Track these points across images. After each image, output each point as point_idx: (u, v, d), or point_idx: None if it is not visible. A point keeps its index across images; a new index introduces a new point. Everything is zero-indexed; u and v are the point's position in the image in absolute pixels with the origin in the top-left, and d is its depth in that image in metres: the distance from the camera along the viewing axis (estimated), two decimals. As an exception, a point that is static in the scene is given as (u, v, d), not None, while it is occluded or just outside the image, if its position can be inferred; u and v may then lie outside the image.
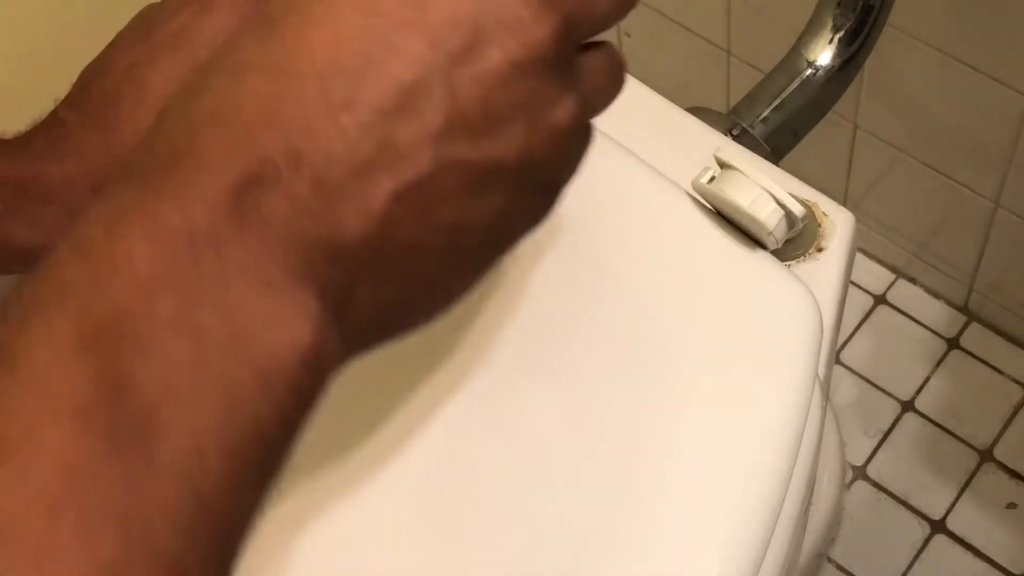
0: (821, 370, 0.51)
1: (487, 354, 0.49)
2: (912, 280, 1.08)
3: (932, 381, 1.03)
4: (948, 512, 0.98)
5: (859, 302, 1.07)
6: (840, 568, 0.97)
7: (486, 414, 0.47)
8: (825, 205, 0.61)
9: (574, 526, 0.45)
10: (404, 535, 0.44)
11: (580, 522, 0.45)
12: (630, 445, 0.46)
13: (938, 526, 0.97)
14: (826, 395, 0.54)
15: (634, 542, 0.44)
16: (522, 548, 0.44)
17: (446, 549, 0.44)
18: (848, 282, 0.60)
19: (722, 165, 0.51)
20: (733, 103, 0.71)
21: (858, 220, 0.61)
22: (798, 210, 0.50)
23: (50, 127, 0.42)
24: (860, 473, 1.00)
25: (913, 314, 1.07)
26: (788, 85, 0.69)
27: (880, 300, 1.08)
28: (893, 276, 1.08)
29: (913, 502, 0.98)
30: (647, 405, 0.47)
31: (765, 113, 0.69)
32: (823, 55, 0.69)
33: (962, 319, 1.06)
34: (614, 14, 0.31)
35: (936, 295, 1.07)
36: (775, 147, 0.69)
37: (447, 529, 0.45)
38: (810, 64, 0.69)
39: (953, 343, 1.05)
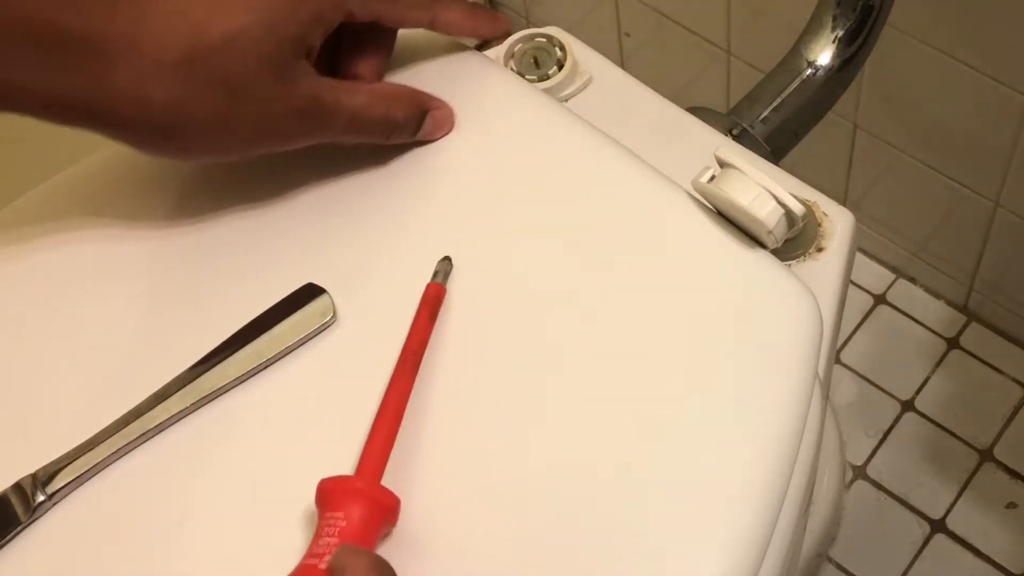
0: (821, 370, 0.51)
1: (485, 354, 0.49)
2: (912, 280, 1.08)
3: (932, 381, 1.03)
4: (948, 512, 0.98)
5: (859, 302, 1.07)
6: (840, 568, 0.97)
7: (483, 413, 0.47)
8: (825, 205, 0.61)
9: (573, 526, 0.45)
10: (399, 532, 0.44)
11: (579, 522, 0.45)
12: (628, 444, 0.46)
13: (938, 526, 0.97)
14: (826, 395, 0.54)
15: (633, 542, 0.44)
16: (520, 548, 0.44)
17: (445, 548, 0.44)
18: (848, 282, 0.60)
19: (722, 164, 0.51)
20: (733, 103, 0.71)
21: (858, 220, 0.61)
22: (798, 209, 0.50)
23: None
24: (860, 473, 1.00)
25: (913, 314, 1.07)
26: (788, 85, 0.69)
27: (880, 300, 1.08)
28: (893, 276, 1.08)
29: (913, 502, 0.99)
30: (646, 404, 0.47)
31: (765, 113, 0.69)
32: (823, 55, 0.69)
33: (962, 319, 1.06)
34: None
35: (936, 295, 1.07)
36: (775, 147, 0.69)
37: (446, 528, 0.45)
38: (810, 64, 0.69)
39: (953, 343, 1.05)
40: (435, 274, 0.50)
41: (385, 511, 0.43)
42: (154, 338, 0.50)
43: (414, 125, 0.53)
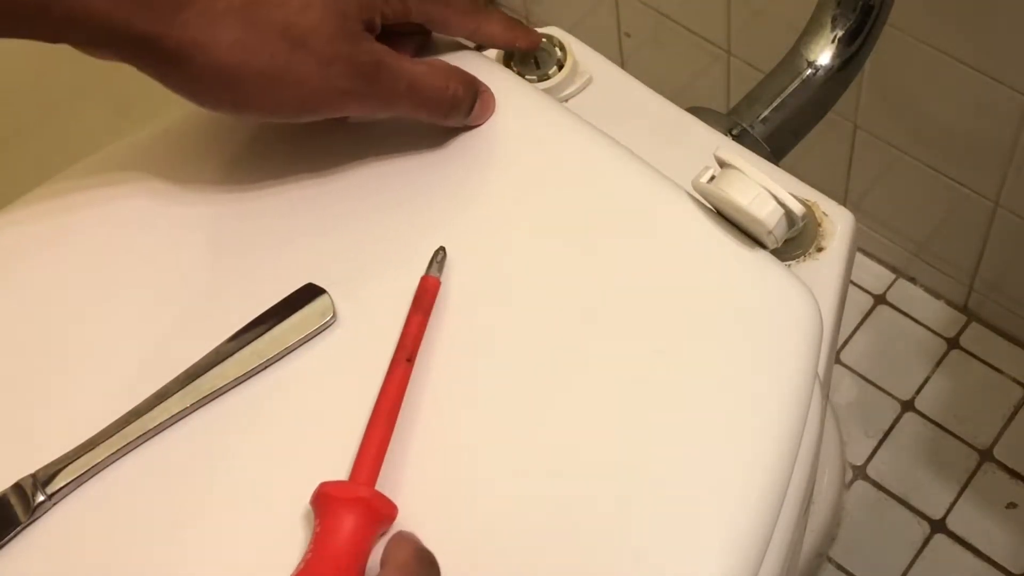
0: (821, 370, 0.51)
1: (481, 350, 0.49)
2: (912, 280, 1.08)
3: (932, 381, 1.03)
4: (948, 512, 0.98)
5: (859, 302, 1.07)
6: (840, 568, 0.97)
7: (478, 412, 0.47)
8: (825, 205, 0.61)
9: (570, 526, 0.45)
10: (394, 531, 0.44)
11: (577, 522, 0.45)
12: (628, 444, 0.46)
13: (938, 526, 0.97)
14: (826, 395, 0.54)
15: (633, 542, 0.44)
16: (517, 549, 0.44)
17: (442, 549, 0.44)
18: (848, 282, 0.60)
19: (722, 164, 0.51)
20: (733, 103, 0.71)
21: (858, 220, 0.61)
22: (798, 209, 0.50)
23: None
24: (860, 473, 1.00)
25: (913, 314, 1.07)
26: (788, 85, 0.69)
27: (880, 300, 1.08)
28: (893, 276, 1.08)
29: (913, 502, 0.99)
30: (646, 404, 0.47)
31: (765, 113, 0.69)
32: (823, 55, 0.69)
33: (962, 319, 1.06)
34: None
35: (936, 295, 1.07)
36: (775, 147, 0.69)
37: (442, 530, 0.45)
38: (810, 64, 0.69)
39: (953, 343, 1.05)
40: (429, 266, 0.50)
41: (379, 515, 0.43)
42: (154, 338, 0.50)
43: (468, 104, 0.53)
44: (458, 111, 0.53)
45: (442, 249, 0.50)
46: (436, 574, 0.41)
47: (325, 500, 0.43)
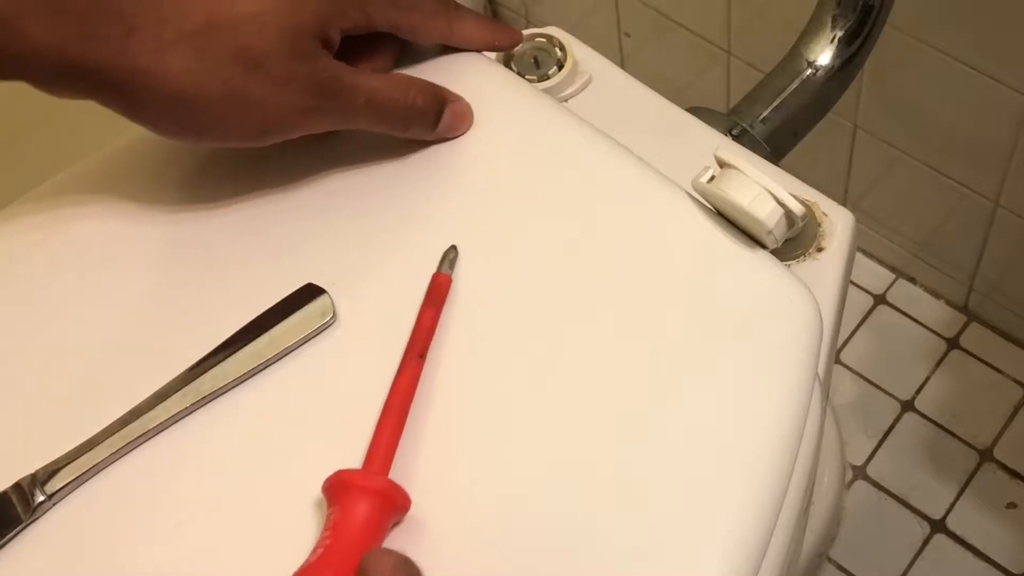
0: (821, 370, 0.51)
1: (489, 348, 0.49)
2: (912, 280, 1.08)
3: (932, 381, 1.03)
4: (948, 512, 0.98)
5: (859, 302, 1.07)
6: (840, 568, 0.97)
7: (487, 408, 0.47)
8: (825, 205, 0.61)
9: (572, 525, 0.45)
10: (406, 524, 0.44)
11: (578, 521, 0.45)
12: (628, 444, 0.46)
13: (938, 526, 0.97)
14: (826, 395, 0.54)
15: (633, 542, 0.44)
16: (518, 547, 0.44)
17: (451, 541, 0.44)
18: (848, 282, 0.60)
19: (722, 164, 0.51)
20: (733, 103, 0.71)
21: (858, 220, 0.61)
22: (797, 209, 0.50)
23: None
24: (860, 473, 1.00)
25: (913, 314, 1.07)
26: (788, 85, 0.69)
27: (880, 300, 1.08)
28: (893, 276, 1.08)
29: (913, 502, 0.99)
30: (645, 404, 0.47)
31: (765, 113, 0.69)
32: (823, 55, 0.69)
33: (962, 319, 1.06)
34: None
35: (936, 295, 1.07)
36: (775, 147, 0.69)
37: (452, 521, 0.45)
38: (810, 64, 0.69)
39: (953, 343, 1.05)
40: (441, 263, 0.50)
41: (393, 503, 0.43)
42: (154, 338, 0.50)
43: (433, 115, 0.52)
44: (421, 123, 0.52)
45: (454, 248, 0.50)
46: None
47: (341, 487, 0.43)
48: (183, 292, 0.51)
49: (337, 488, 0.43)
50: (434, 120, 0.52)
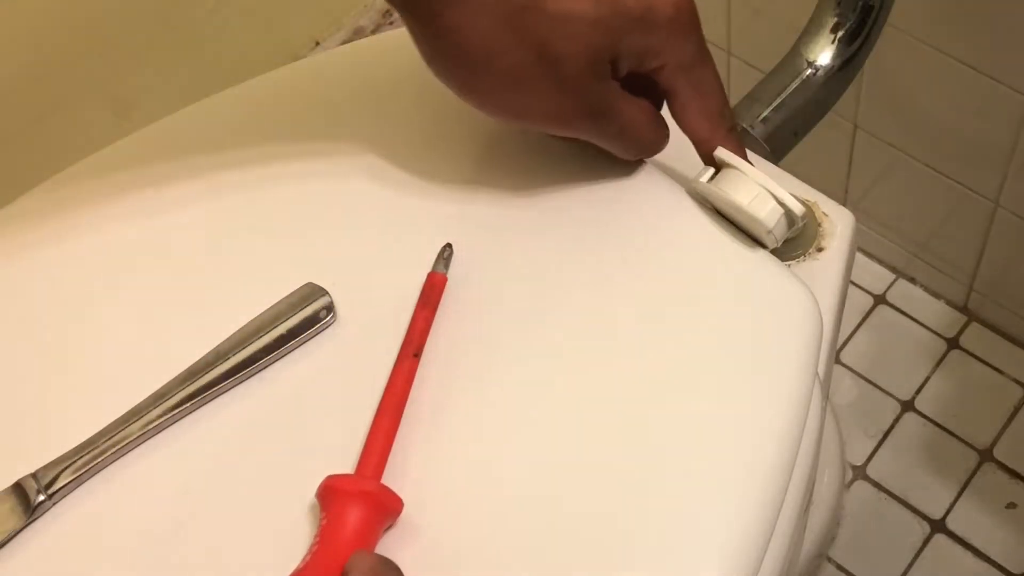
0: (821, 370, 0.51)
1: (486, 348, 0.49)
2: (912, 280, 1.08)
3: (932, 381, 1.03)
4: (948, 512, 0.98)
5: (859, 302, 1.07)
6: (840, 568, 0.97)
7: (483, 409, 0.47)
8: (825, 205, 0.61)
9: (567, 527, 0.45)
10: (399, 528, 0.44)
11: (577, 522, 0.45)
12: (628, 444, 0.46)
13: (938, 526, 0.97)
14: (826, 395, 0.54)
15: (633, 542, 0.44)
16: (518, 546, 0.44)
17: (445, 544, 0.44)
18: (848, 282, 0.60)
19: (722, 164, 0.51)
20: (733, 103, 0.71)
21: (858, 220, 0.61)
22: (797, 208, 0.50)
23: None
24: (860, 473, 1.00)
25: (913, 314, 1.07)
26: (788, 85, 0.69)
27: (880, 300, 1.08)
28: (893, 276, 1.08)
29: (913, 502, 0.99)
30: (645, 404, 0.47)
31: (765, 113, 0.69)
32: (823, 55, 0.69)
33: (962, 319, 1.06)
34: None
35: (936, 295, 1.07)
36: (775, 147, 0.69)
37: (446, 525, 0.45)
38: (810, 64, 0.69)
39: (953, 343, 1.05)
40: (436, 262, 0.50)
41: (384, 508, 0.43)
42: (154, 338, 0.50)
43: (651, 148, 0.53)
44: (646, 154, 0.53)
45: (449, 246, 0.50)
46: None
47: (331, 493, 0.43)
48: (183, 292, 0.51)
49: (329, 493, 0.43)
50: (647, 153, 0.53)
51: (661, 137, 0.52)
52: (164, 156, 0.55)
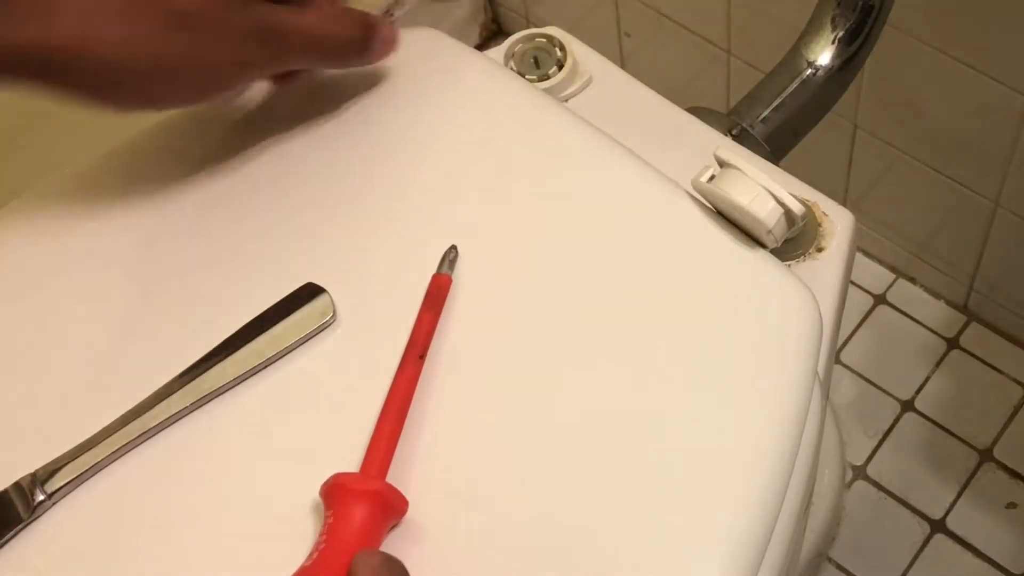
0: (821, 370, 0.51)
1: (490, 348, 0.49)
2: (912, 280, 1.08)
3: (932, 381, 1.03)
4: (948, 512, 0.98)
5: (859, 302, 1.07)
6: (840, 568, 0.97)
7: (487, 409, 0.47)
8: (825, 205, 0.61)
9: (571, 525, 0.45)
10: (404, 527, 0.44)
11: (577, 521, 0.45)
12: (628, 444, 0.46)
13: (938, 526, 0.97)
14: (826, 395, 0.54)
15: (633, 541, 0.44)
16: (517, 546, 0.44)
17: (450, 543, 0.44)
18: (848, 282, 0.60)
19: (722, 164, 0.51)
20: (733, 103, 0.71)
21: (858, 220, 0.61)
22: (797, 208, 0.50)
23: None
24: (860, 473, 1.00)
25: (913, 314, 1.07)
26: (788, 85, 0.69)
27: (880, 300, 1.08)
28: (893, 276, 1.08)
29: (913, 502, 0.99)
30: (645, 404, 0.47)
31: (765, 113, 0.69)
32: (823, 55, 0.69)
33: (962, 319, 1.06)
34: None
35: (936, 295, 1.07)
36: (775, 147, 0.69)
37: (452, 523, 0.45)
38: (810, 64, 0.69)
39: (953, 343, 1.05)
40: (441, 263, 0.50)
41: (390, 507, 0.43)
42: (154, 338, 0.50)
43: (365, 44, 0.51)
44: (355, 55, 0.51)
45: (454, 248, 0.50)
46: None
47: (338, 491, 0.43)
48: (183, 292, 0.51)
49: (334, 491, 0.43)
50: (368, 49, 0.51)
51: (352, 27, 0.50)
52: (164, 156, 0.55)
